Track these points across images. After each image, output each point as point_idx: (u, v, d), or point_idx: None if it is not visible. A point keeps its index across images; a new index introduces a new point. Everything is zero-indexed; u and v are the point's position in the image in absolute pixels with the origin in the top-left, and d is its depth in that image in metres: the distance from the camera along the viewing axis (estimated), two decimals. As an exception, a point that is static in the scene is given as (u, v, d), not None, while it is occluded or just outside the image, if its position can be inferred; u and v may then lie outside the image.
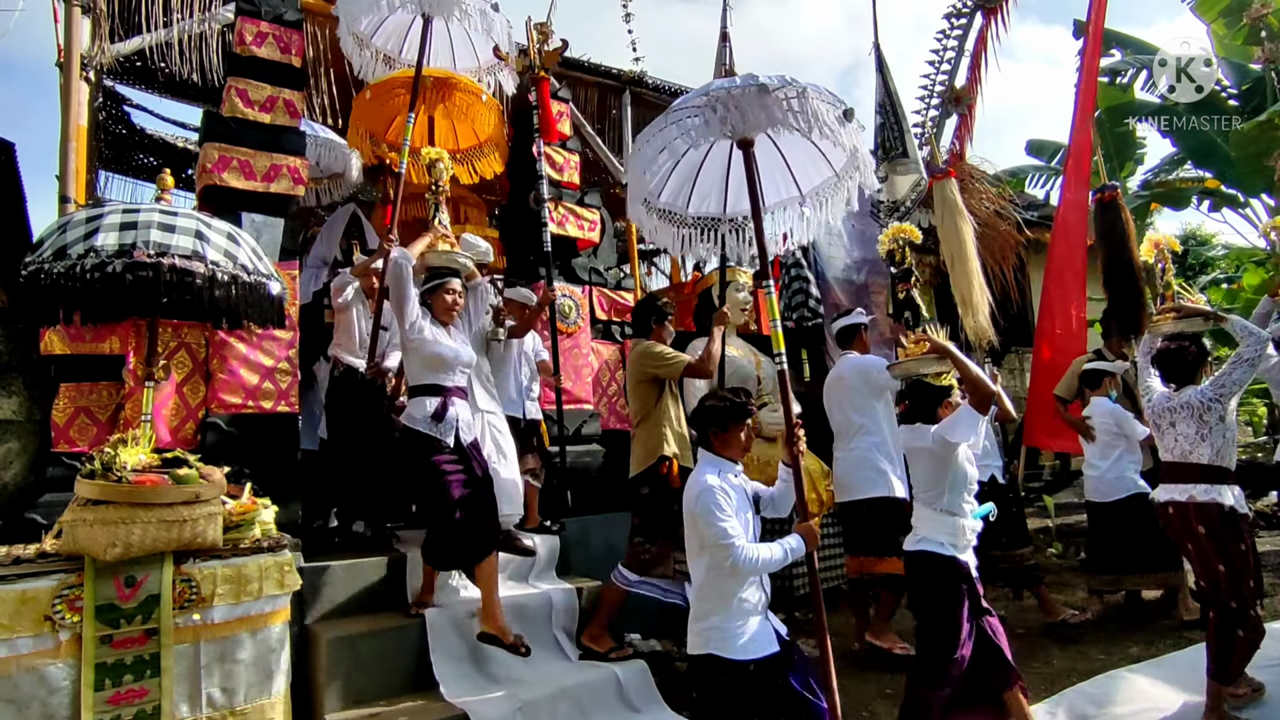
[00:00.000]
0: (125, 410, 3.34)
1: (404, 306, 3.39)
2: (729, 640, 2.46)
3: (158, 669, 2.71)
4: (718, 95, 2.79)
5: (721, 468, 2.64)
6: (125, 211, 3.01)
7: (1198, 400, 3.28)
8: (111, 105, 5.96)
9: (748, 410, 2.69)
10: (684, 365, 3.87)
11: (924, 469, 2.99)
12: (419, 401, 3.43)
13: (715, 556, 2.47)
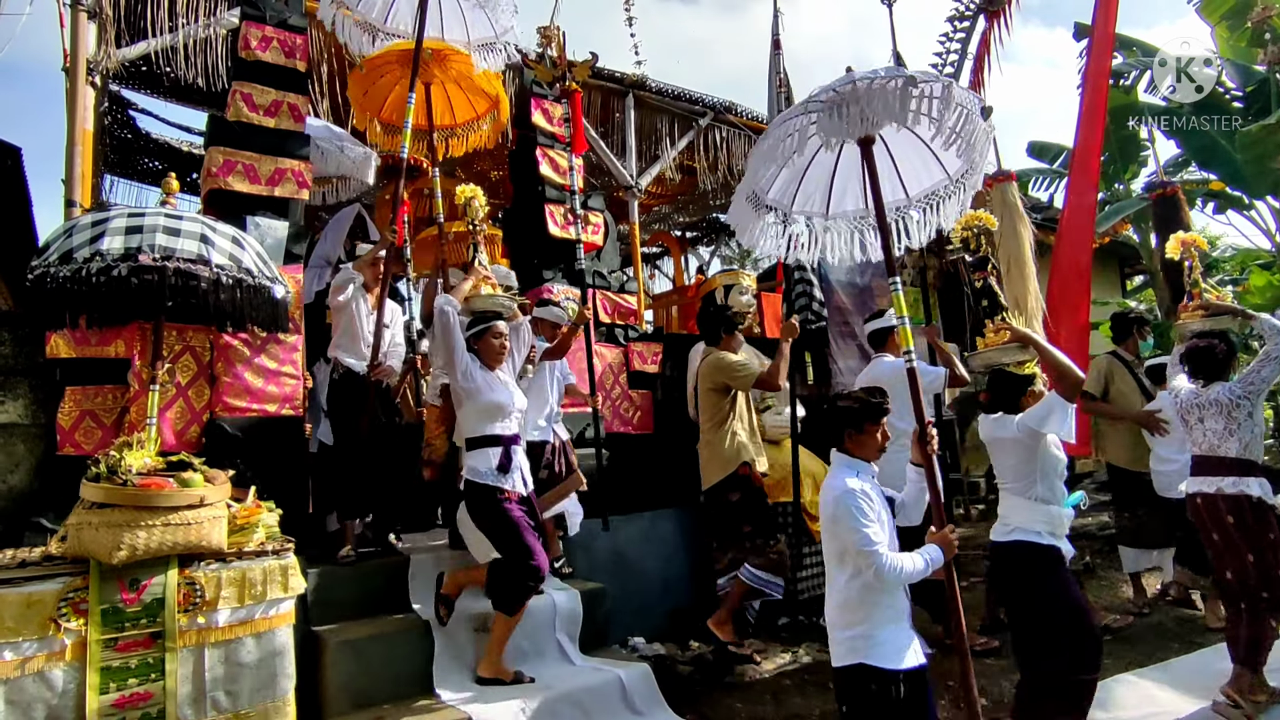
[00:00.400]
0: (130, 413, 3.34)
1: (454, 356, 3.28)
2: (879, 649, 2.33)
3: (162, 672, 2.71)
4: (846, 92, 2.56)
5: (859, 469, 2.48)
6: (131, 215, 3.02)
7: (1226, 397, 3.32)
8: (117, 110, 5.99)
9: (884, 409, 2.55)
10: (755, 377, 4.00)
11: (1011, 459, 2.95)
12: (481, 454, 3.33)
13: (858, 563, 2.33)
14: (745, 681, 3.74)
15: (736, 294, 5.41)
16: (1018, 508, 2.92)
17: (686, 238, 11.22)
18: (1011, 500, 2.95)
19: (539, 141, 5.05)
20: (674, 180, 8.05)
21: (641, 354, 5.31)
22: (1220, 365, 3.41)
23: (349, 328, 3.95)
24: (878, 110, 2.54)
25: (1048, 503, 2.89)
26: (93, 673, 2.56)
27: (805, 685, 3.68)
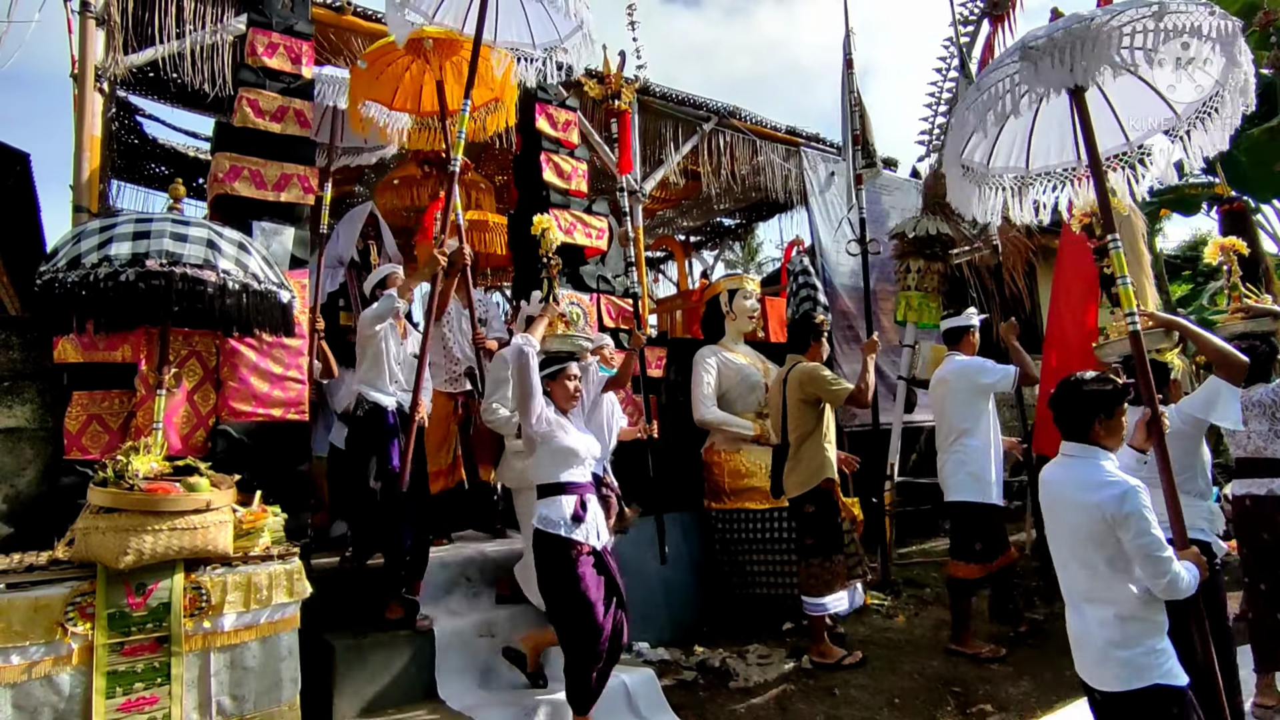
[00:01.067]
0: (137, 418, 3.36)
1: (531, 401, 3.07)
2: (1171, 666, 2.09)
3: (168, 676, 2.72)
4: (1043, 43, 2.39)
5: (1112, 461, 2.22)
6: (138, 221, 3.03)
7: (1269, 398, 3.33)
8: (124, 115, 6.02)
9: (1128, 392, 2.35)
10: (848, 393, 4.04)
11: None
12: (554, 501, 3.10)
13: (1146, 570, 2.07)
14: (749, 687, 3.74)
15: (740, 299, 5.41)
16: (1187, 506, 2.78)
17: (690, 242, 11.22)
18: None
19: (544, 146, 5.07)
20: (678, 185, 8.05)
21: (645, 358, 5.31)
22: (1262, 366, 3.40)
23: (376, 360, 3.68)
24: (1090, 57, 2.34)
25: (1204, 498, 2.87)
26: (99, 677, 2.57)
27: (809, 691, 3.67)
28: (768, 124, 7.30)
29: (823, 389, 4.09)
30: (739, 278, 5.62)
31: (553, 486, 3.12)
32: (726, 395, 5.18)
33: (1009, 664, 3.89)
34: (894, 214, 7.19)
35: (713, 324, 5.52)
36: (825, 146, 7.50)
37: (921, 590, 5.32)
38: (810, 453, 4.12)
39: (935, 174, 6.29)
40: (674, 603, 4.70)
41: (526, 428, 3.12)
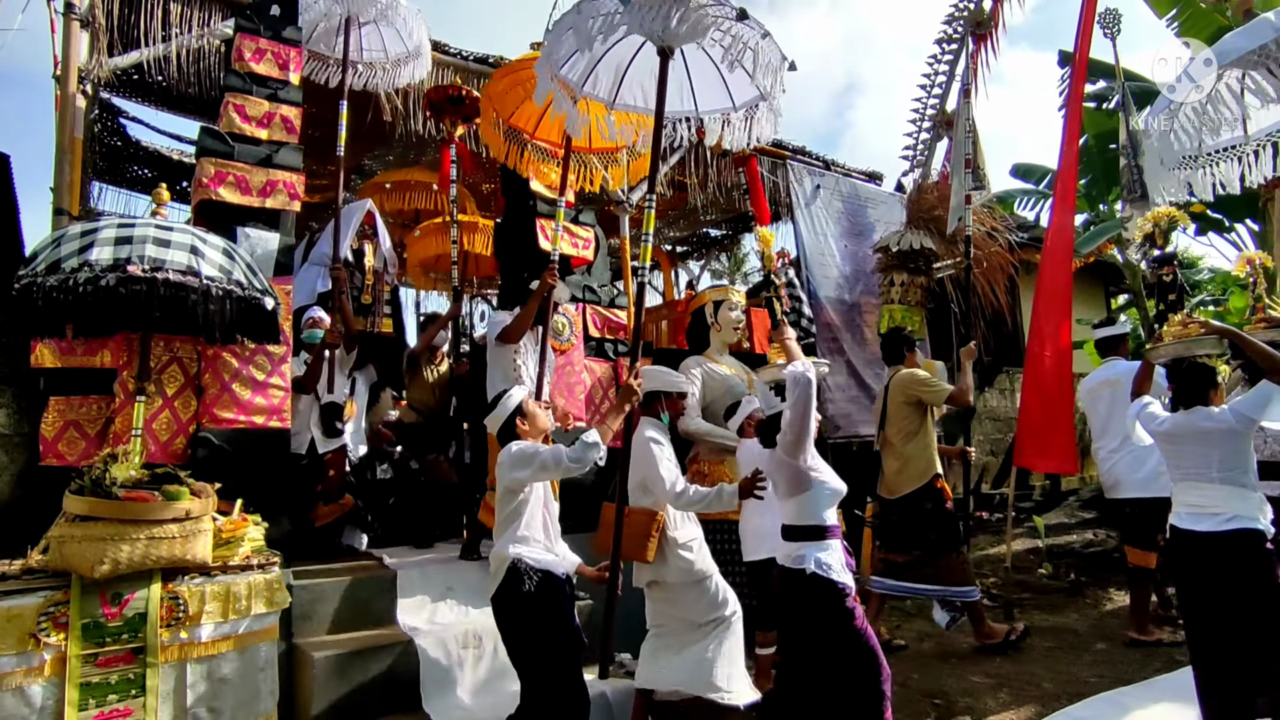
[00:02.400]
0: (115, 424, 3.31)
1: (809, 434, 2.83)
2: None
3: (143, 688, 2.68)
4: None
5: None
6: (120, 226, 3.01)
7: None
8: (107, 117, 5.96)
9: None
10: (948, 394, 4.39)
11: (1220, 449, 2.99)
12: (828, 546, 2.83)
13: None
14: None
15: (726, 310, 5.43)
16: (1232, 496, 2.96)
17: (676, 252, 11.26)
18: (1223, 489, 2.98)
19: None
20: (665, 195, 8.09)
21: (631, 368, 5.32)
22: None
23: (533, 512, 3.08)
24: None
25: (1256, 490, 2.98)
26: (72, 689, 2.53)
27: (792, 703, 3.67)
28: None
29: (923, 390, 4.43)
30: (724, 289, 5.65)
31: (822, 530, 2.85)
32: (711, 406, 5.19)
33: (991, 675, 3.92)
34: (879, 227, 7.27)
35: (698, 335, 5.53)
36: (811, 160, 7.56)
37: (903, 601, 5.35)
38: (917, 451, 4.44)
39: (920, 188, 6.38)
40: (657, 614, 4.68)
41: (801, 464, 2.85)
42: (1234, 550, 2.93)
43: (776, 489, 3.01)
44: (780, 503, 3.00)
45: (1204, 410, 3.05)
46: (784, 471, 2.91)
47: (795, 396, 2.80)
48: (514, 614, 2.87)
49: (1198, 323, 3.22)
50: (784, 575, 2.89)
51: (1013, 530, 5.88)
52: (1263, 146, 3.31)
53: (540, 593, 2.84)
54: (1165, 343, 3.26)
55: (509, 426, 3.09)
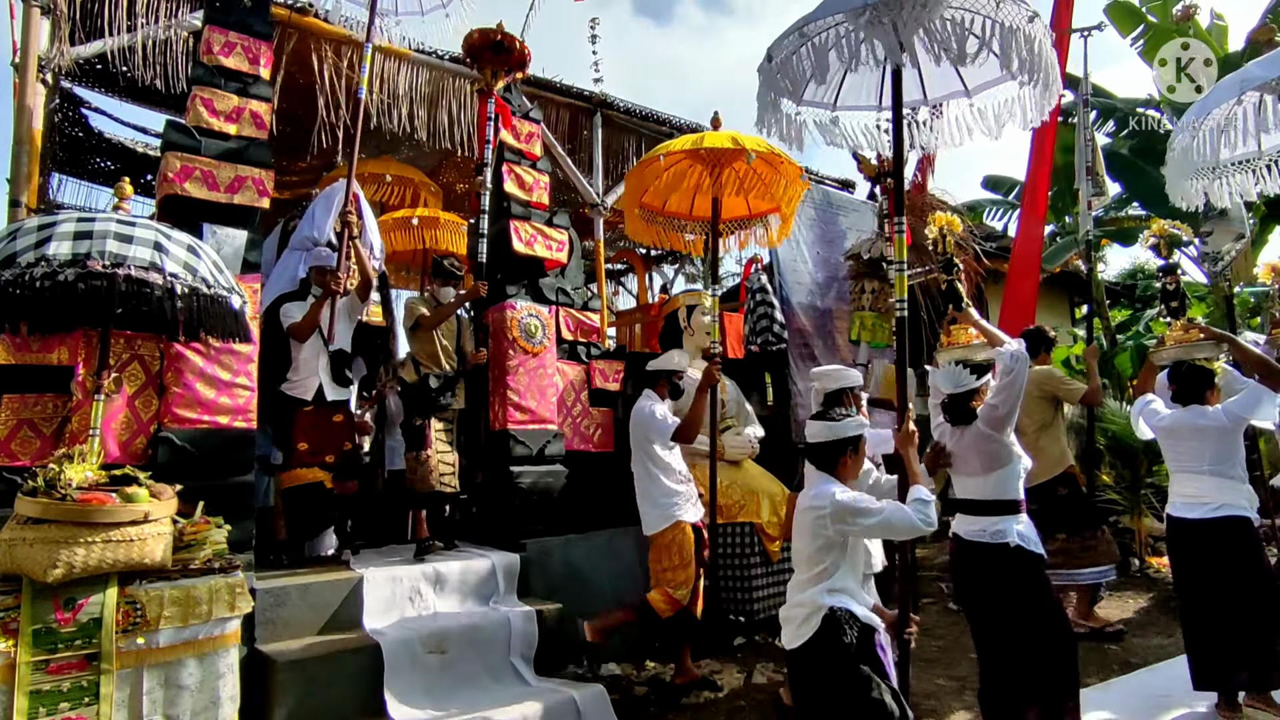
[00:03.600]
0: (72, 423, 3.21)
1: (1015, 414, 2.97)
2: None
3: (97, 695, 2.60)
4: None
5: None
6: (80, 220, 2.92)
7: None
8: (68, 107, 5.81)
9: None
10: (1082, 391, 4.68)
11: (1213, 445, 3.29)
12: (1025, 520, 2.99)
13: None
14: (700, 703, 3.74)
15: (699, 314, 5.46)
16: (1222, 488, 3.27)
17: (651, 256, 11.29)
18: (1213, 481, 3.28)
19: (506, 157, 5.05)
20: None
21: (603, 372, 5.31)
22: None
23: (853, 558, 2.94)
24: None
25: (1244, 481, 3.26)
26: (21, 696, 2.45)
27: (760, 706, 3.69)
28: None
29: (1059, 387, 4.73)
30: (698, 294, 5.68)
31: (1018, 504, 2.96)
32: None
33: (955, 679, 3.97)
34: (850, 235, 7.35)
35: (671, 339, 5.55)
36: (785, 167, 7.63)
37: (870, 606, 5.41)
38: (1050, 442, 4.66)
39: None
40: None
41: (1006, 439, 2.97)
42: (1223, 535, 3.22)
43: (966, 465, 3.05)
44: (969, 479, 3.07)
45: (1200, 408, 3.34)
46: (985, 446, 2.96)
47: (1013, 374, 2.89)
48: (831, 669, 2.50)
49: (1198, 328, 3.49)
50: (978, 549, 2.96)
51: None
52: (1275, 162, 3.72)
53: (862, 646, 2.50)
54: (1167, 346, 3.52)
55: (835, 455, 2.65)
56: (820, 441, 2.61)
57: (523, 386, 4.69)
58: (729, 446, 5.06)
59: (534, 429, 4.71)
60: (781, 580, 4.80)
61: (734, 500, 4.82)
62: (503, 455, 4.61)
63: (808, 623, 2.53)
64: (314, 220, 4.52)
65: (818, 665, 2.52)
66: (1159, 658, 4.16)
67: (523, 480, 4.56)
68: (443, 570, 3.97)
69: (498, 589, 4.07)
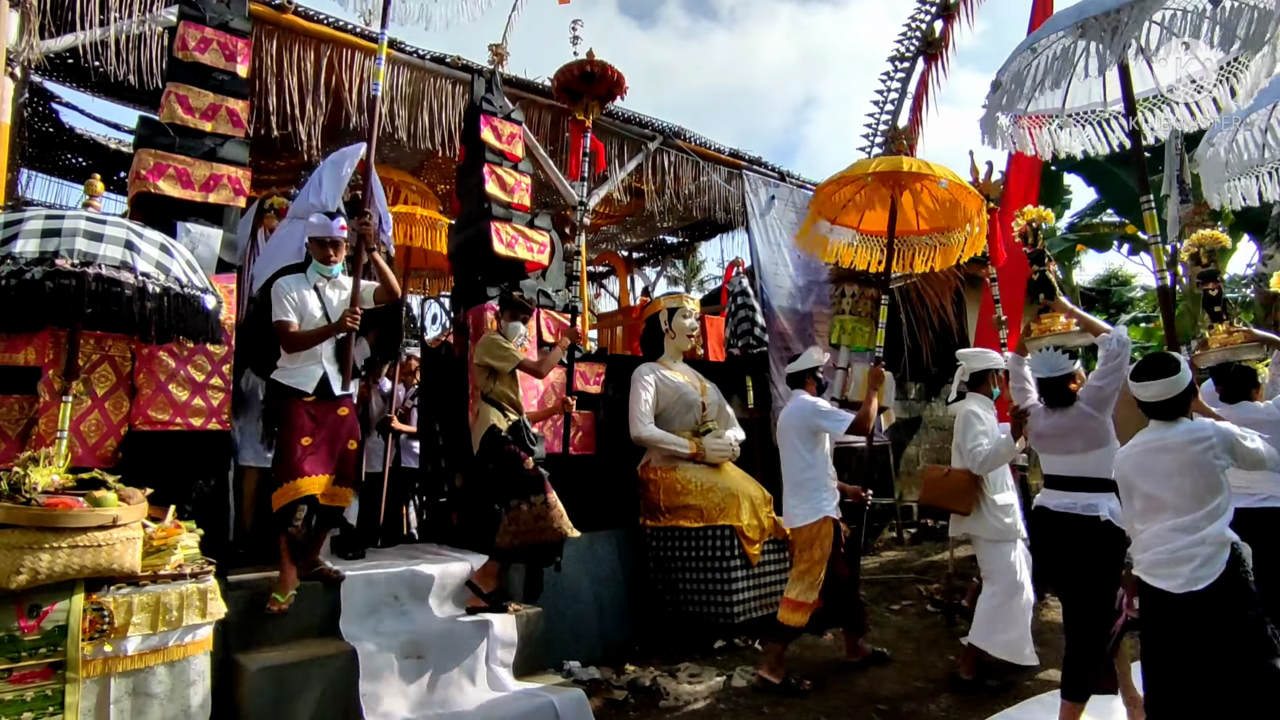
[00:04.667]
0: (39, 426, 3.14)
1: (1117, 395, 3.20)
2: None
3: (61, 705, 2.54)
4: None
5: None
6: (49, 217, 2.86)
7: None
8: (38, 102, 5.69)
9: None
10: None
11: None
12: (1115, 498, 3.21)
13: None
14: (679, 705, 3.73)
15: (680, 317, 5.46)
16: (1270, 479, 3.28)
17: (633, 258, 11.28)
18: (1260, 473, 3.19)
19: (487, 158, 5.01)
20: (622, 201, 8.11)
21: (584, 374, 5.29)
22: None
23: None
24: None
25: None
26: (-18, 706, 2.38)
27: (739, 709, 3.69)
28: (711, 146, 7.42)
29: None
30: (679, 296, 5.68)
31: (1111, 483, 3.05)
32: (664, 413, 5.21)
33: (933, 681, 4.00)
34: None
35: (652, 341, 5.55)
36: (766, 170, 7.67)
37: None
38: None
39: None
40: (606, 621, 4.66)
41: (1108, 419, 3.20)
42: (1266, 525, 3.26)
43: (1063, 444, 3.24)
44: (1064, 457, 3.25)
45: (1250, 404, 3.46)
46: (1086, 425, 3.18)
47: (1119, 358, 3.15)
48: (1240, 604, 2.49)
49: (1242, 331, 3.62)
50: (1066, 520, 3.16)
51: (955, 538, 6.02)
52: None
53: None
54: (1212, 349, 3.65)
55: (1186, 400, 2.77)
56: (1175, 395, 2.68)
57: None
58: (710, 449, 5.06)
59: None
60: (762, 583, 4.82)
61: (714, 503, 4.82)
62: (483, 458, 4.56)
63: (1213, 562, 2.51)
64: (320, 186, 4.09)
65: (1227, 603, 2.49)
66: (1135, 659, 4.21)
67: (502, 483, 4.52)
68: (421, 574, 3.93)
69: (477, 593, 4.03)
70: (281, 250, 4.02)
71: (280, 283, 3.52)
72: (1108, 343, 3.22)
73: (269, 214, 4.60)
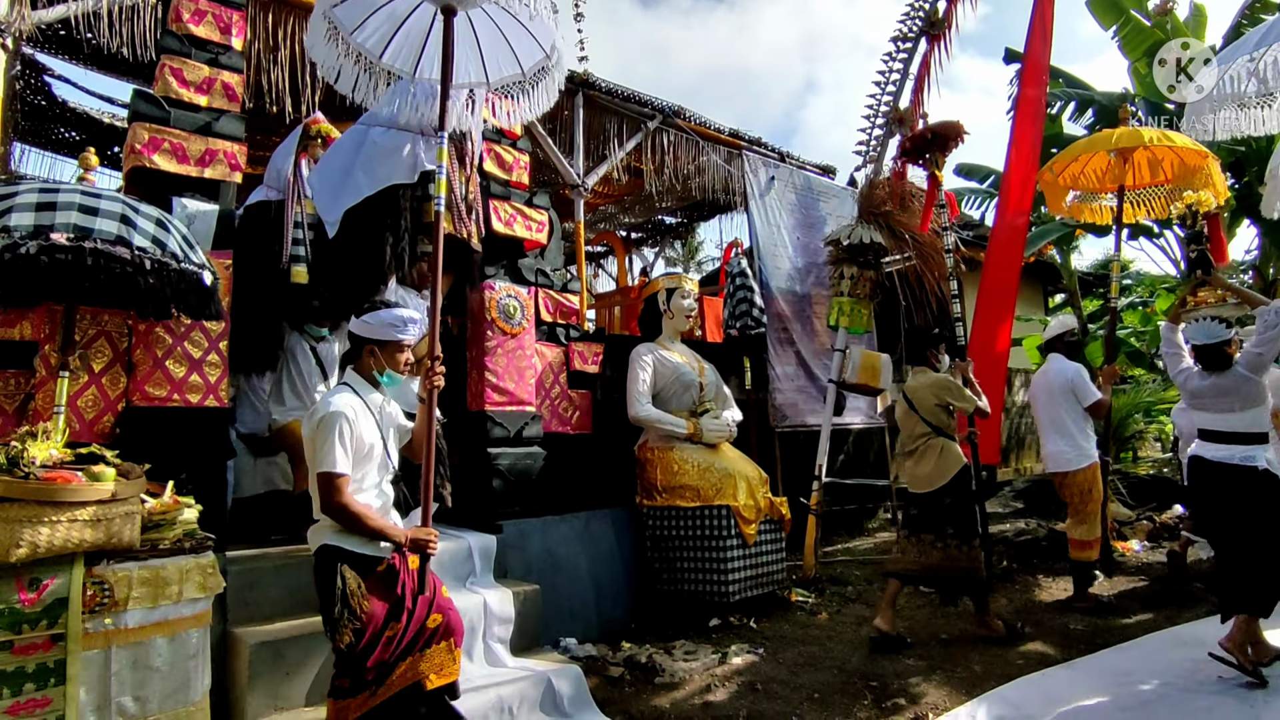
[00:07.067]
0: (36, 401, 3.13)
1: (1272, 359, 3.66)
2: None
3: (63, 677, 2.57)
4: None
5: None
6: (43, 191, 2.84)
7: None
8: (31, 75, 5.61)
9: None
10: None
11: None
12: (1270, 448, 3.67)
13: None
14: (675, 682, 3.78)
15: (678, 297, 5.45)
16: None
17: (631, 238, 11.24)
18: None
19: (485, 135, 4.97)
20: (620, 181, 8.06)
21: (582, 354, 5.29)
22: None
23: None
24: None
25: None
26: (-15, 677, 2.40)
27: (733, 686, 3.74)
28: (711, 125, 7.36)
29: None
30: (678, 276, 5.66)
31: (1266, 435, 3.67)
32: (661, 393, 5.22)
33: (924, 659, 4.05)
34: (830, 220, 7.38)
35: (650, 321, 5.55)
36: (766, 151, 7.62)
37: (844, 588, 5.48)
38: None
39: (871, 184, 6.48)
40: (603, 599, 4.71)
41: (1264, 380, 3.65)
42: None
43: (1220, 404, 3.69)
44: (1221, 415, 3.69)
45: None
46: (1244, 387, 3.63)
47: (1276, 328, 3.54)
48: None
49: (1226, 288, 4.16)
50: (1223, 469, 3.63)
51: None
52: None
53: None
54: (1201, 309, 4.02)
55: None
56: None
57: (501, 368, 4.66)
58: (707, 430, 5.08)
59: (512, 410, 4.69)
60: (758, 562, 4.86)
61: (711, 483, 4.84)
62: (480, 437, 4.59)
63: None
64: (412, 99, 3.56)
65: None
66: (1124, 638, 4.27)
67: (500, 462, 4.55)
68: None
69: (474, 570, 4.06)
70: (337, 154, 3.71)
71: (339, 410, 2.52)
72: (1265, 314, 3.64)
73: (314, 142, 4.24)
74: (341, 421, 2.46)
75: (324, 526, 2.58)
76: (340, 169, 3.65)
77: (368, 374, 2.71)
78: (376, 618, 2.50)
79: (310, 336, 4.27)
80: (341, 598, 2.45)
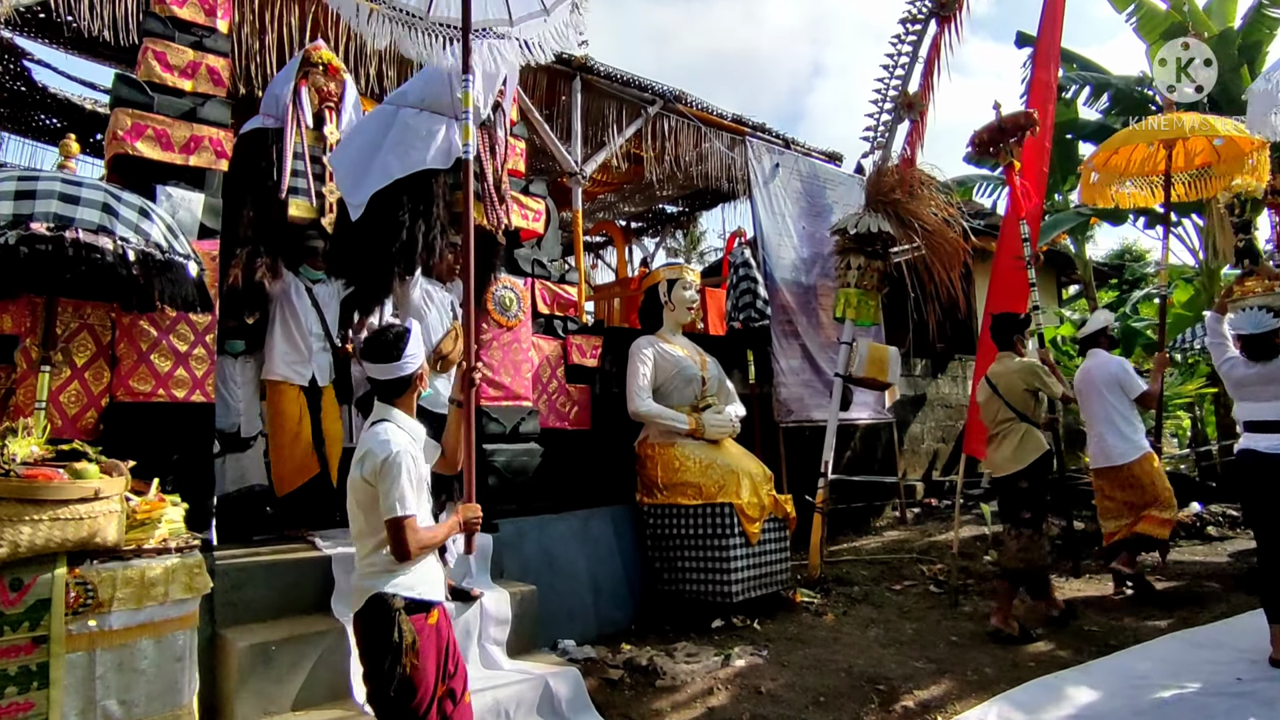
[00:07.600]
0: (16, 396, 3.04)
1: None
2: None
3: (46, 680, 2.50)
4: None
5: None
6: (22, 179, 2.75)
7: None
8: (9, 59, 5.49)
9: None
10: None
11: None
12: None
13: None
14: (676, 685, 3.69)
15: (680, 289, 5.33)
16: None
17: (631, 228, 11.10)
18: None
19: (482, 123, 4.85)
20: (620, 168, 7.92)
21: (580, 347, 5.19)
22: None
23: None
24: None
25: None
26: (-38, 683, 2.32)
27: (736, 689, 3.65)
28: (714, 111, 7.22)
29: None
30: (679, 267, 5.54)
31: None
32: (663, 388, 5.11)
33: (933, 661, 3.96)
34: (837, 209, 7.23)
35: (651, 314, 5.43)
36: (770, 137, 7.47)
37: (851, 589, 5.38)
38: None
39: (879, 171, 6.33)
40: (602, 600, 4.62)
41: None
42: None
43: (1267, 392, 3.67)
44: (1270, 404, 3.66)
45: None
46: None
47: None
48: None
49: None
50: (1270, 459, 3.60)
51: (960, 517, 5.96)
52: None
53: None
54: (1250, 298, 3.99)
55: None
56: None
57: (496, 361, 4.56)
58: (709, 425, 4.98)
59: (508, 406, 4.59)
60: (761, 562, 4.77)
61: (714, 480, 4.74)
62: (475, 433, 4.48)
63: None
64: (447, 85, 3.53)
65: None
66: (1138, 640, 4.16)
67: (496, 459, 4.45)
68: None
69: (470, 570, 3.97)
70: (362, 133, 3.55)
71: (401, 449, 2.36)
72: None
73: (315, 69, 4.04)
74: (406, 460, 2.33)
75: (376, 571, 2.35)
76: (366, 148, 3.43)
77: (406, 406, 2.54)
78: (428, 677, 2.31)
79: (306, 278, 4.14)
80: (397, 650, 2.25)
